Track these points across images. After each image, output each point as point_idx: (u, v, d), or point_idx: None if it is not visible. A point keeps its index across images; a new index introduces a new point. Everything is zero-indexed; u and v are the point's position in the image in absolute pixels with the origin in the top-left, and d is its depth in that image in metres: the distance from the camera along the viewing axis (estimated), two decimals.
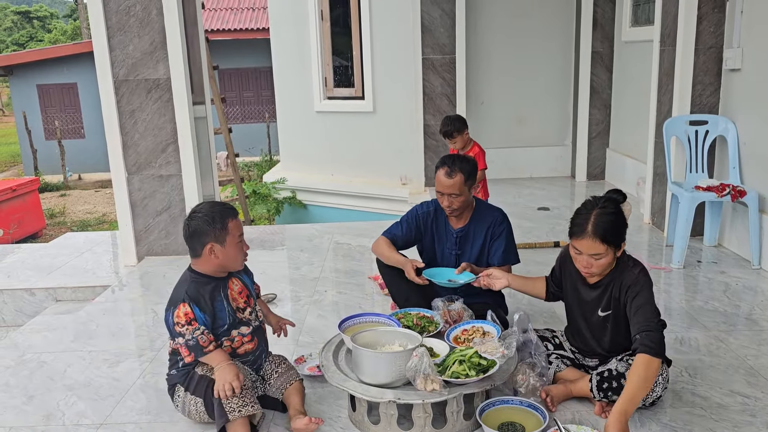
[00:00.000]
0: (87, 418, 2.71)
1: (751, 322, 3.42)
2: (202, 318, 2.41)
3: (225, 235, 2.45)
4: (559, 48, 7.16)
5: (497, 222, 3.20)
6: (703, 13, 4.52)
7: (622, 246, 2.51)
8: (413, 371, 2.35)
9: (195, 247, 2.48)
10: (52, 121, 16.46)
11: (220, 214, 2.47)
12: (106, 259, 5.06)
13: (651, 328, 2.37)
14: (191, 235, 2.47)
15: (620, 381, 2.45)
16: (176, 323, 2.38)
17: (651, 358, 2.31)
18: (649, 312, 2.42)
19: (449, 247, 3.27)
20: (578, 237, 2.48)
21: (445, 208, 3.16)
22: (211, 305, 2.47)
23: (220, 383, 2.37)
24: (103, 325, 3.71)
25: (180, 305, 2.39)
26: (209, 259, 2.47)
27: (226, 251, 2.47)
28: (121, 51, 4.56)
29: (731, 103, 4.54)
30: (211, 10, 17.35)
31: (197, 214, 2.48)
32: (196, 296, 2.43)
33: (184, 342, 2.38)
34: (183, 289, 2.44)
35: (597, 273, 2.53)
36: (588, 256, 2.47)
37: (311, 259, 4.77)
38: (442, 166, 3.12)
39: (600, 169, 7.07)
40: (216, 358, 2.42)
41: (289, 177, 8.50)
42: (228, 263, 2.51)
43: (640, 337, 2.36)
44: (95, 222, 11.58)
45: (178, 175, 4.75)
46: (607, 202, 2.51)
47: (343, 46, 7.90)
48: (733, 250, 4.50)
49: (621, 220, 2.49)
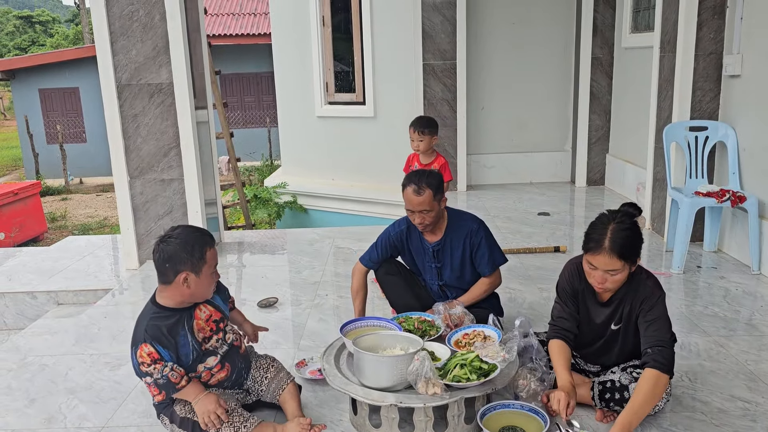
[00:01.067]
0: (88, 421, 2.72)
1: (751, 327, 3.42)
2: (167, 355, 2.27)
3: (202, 265, 2.29)
4: (560, 54, 7.18)
5: (473, 232, 3.18)
6: (703, 19, 4.54)
7: (637, 261, 2.45)
8: (414, 375, 2.35)
9: (166, 273, 2.29)
10: (54, 125, 16.50)
11: (200, 241, 2.31)
12: (107, 262, 5.07)
13: (664, 344, 2.36)
14: (165, 260, 2.28)
15: (623, 393, 2.46)
16: (140, 363, 2.25)
17: (661, 375, 2.31)
18: (662, 327, 2.40)
19: (428, 261, 3.27)
20: (594, 252, 2.38)
21: (418, 225, 3.12)
22: (174, 343, 2.30)
23: (204, 417, 2.30)
24: (104, 329, 3.72)
25: (141, 346, 2.25)
26: (180, 289, 2.30)
27: (200, 282, 2.31)
28: (124, 55, 4.59)
29: (731, 109, 4.56)
30: (213, 15, 17.42)
31: (172, 240, 2.30)
32: (157, 334, 2.26)
33: (153, 381, 2.26)
34: (142, 329, 2.28)
35: (611, 288, 2.47)
36: (603, 272, 2.39)
37: (312, 263, 4.78)
38: (408, 184, 3.08)
39: (600, 174, 7.09)
40: (191, 393, 2.32)
41: (290, 181, 8.52)
42: (198, 294, 2.35)
43: (652, 352, 2.34)
44: (96, 226, 11.59)
45: (180, 179, 4.77)
46: (623, 216, 2.42)
47: (344, 51, 7.93)
48: (733, 256, 4.51)
49: (637, 235, 2.41)
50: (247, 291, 4.24)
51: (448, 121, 6.83)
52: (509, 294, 3.98)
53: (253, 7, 18.09)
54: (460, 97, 6.80)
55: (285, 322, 3.70)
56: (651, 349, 2.35)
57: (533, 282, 4.18)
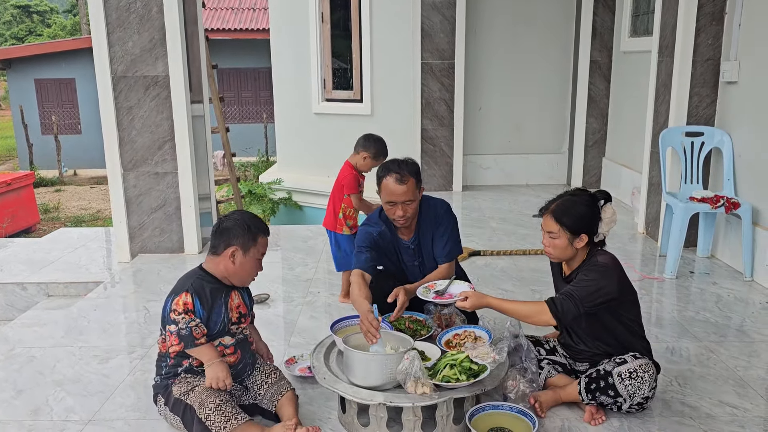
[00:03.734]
0: (75, 413, 2.70)
1: (741, 333, 3.43)
2: (200, 312, 2.39)
3: (252, 246, 2.48)
4: (558, 56, 7.19)
5: (439, 216, 3.07)
6: (702, 25, 4.54)
7: (582, 237, 2.57)
8: (404, 374, 2.35)
9: (218, 245, 2.48)
10: (49, 116, 16.42)
11: (257, 226, 2.51)
12: (99, 255, 5.04)
13: (569, 296, 2.50)
14: (221, 232, 2.48)
15: (607, 380, 2.49)
16: (173, 310, 2.37)
17: (547, 311, 2.51)
18: (582, 288, 2.52)
19: (408, 259, 3.14)
20: (543, 215, 2.65)
21: (398, 219, 2.94)
22: (211, 305, 2.44)
23: (213, 381, 2.37)
24: (94, 321, 3.70)
25: (182, 294, 2.38)
26: (226, 262, 2.47)
27: (245, 262, 2.48)
28: (120, 47, 4.56)
29: (727, 115, 4.57)
30: (211, 9, 17.36)
31: (234, 216, 2.51)
32: (200, 290, 2.42)
33: (176, 330, 2.35)
34: (189, 282, 2.44)
35: (554, 255, 2.65)
36: (546, 233, 2.62)
37: (305, 260, 4.77)
38: (388, 173, 2.89)
39: (596, 177, 7.09)
40: (207, 353, 2.41)
41: (285, 178, 8.50)
42: (240, 274, 2.50)
43: (558, 295, 2.53)
44: (89, 218, 11.54)
45: (174, 173, 4.74)
46: (582, 191, 2.64)
47: (343, 48, 7.91)
48: (726, 262, 4.51)
49: (584, 210, 2.57)
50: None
51: (446, 121, 6.83)
52: (502, 295, 3.97)
53: (252, 2, 18.03)
54: (458, 97, 6.79)
55: (276, 319, 3.69)
56: (560, 295, 2.54)
57: (526, 284, 4.18)
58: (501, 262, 4.58)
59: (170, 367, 2.49)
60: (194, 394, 2.38)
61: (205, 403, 2.33)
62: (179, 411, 2.41)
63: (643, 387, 2.47)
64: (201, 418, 2.32)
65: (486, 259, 4.61)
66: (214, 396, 2.36)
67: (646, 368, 2.48)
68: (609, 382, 2.48)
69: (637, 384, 2.46)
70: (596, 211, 2.58)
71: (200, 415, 2.32)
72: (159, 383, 2.53)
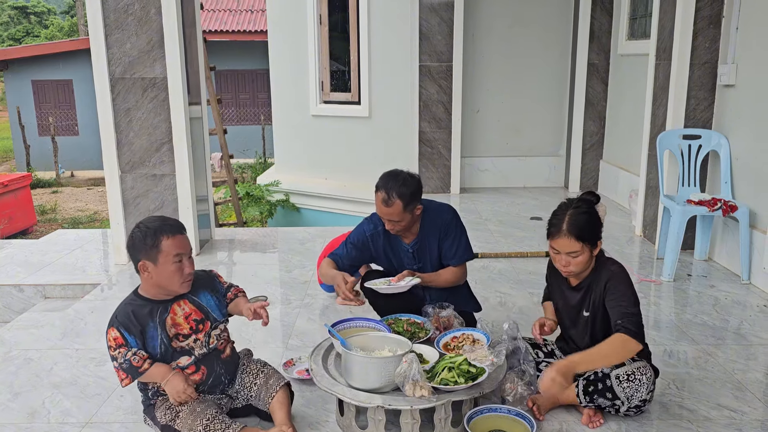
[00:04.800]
0: (72, 416, 2.69)
1: (739, 336, 3.43)
2: (133, 342, 2.31)
3: (156, 253, 2.30)
4: (556, 59, 7.20)
5: (445, 223, 3.04)
6: (699, 28, 4.55)
7: (598, 245, 2.57)
8: (402, 377, 2.34)
9: (134, 264, 2.36)
10: (46, 117, 16.39)
11: (156, 230, 2.31)
12: (96, 257, 5.03)
13: (631, 315, 2.45)
14: (129, 247, 2.36)
15: (605, 382, 2.48)
16: (109, 347, 2.31)
17: (629, 338, 2.39)
18: (628, 302, 2.49)
19: (407, 263, 3.10)
20: (555, 237, 2.54)
21: (390, 230, 2.97)
22: (141, 330, 2.33)
23: (176, 397, 2.31)
24: (91, 324, 3.69)
25: (109, 330, 2.31)
26: (145, 278, 2.36)
27: (160, 271, 2.31)
28: (118, 49, 4.55)
29: (725, 118, 4.58)
30: (209, 11, 17.35)
31: (136, 229, 2.35)
32: (125, 320, 2.32)
33: (118, 365, 2.29)
34: (114, 315, 2.35)
35: (575, 272, 2.58)
36: (565, 254, 2.53)
37: (303, 262, 4.76)
38: (379, 189, 2.87)
39: (593, 180, 7.10)
40: (157, 374, 2.32)
41: (283, 180, 8.50)
42: (164, 283, 2.35)
43: (622, 322, 2.44)
44: (87, 219, 11.52)
45: (172, 174, 4.74)
46: (580, 202, 2.60)
47: (341, 50, 7.91)
48: (723, 265, 4.52)
49: (595, 218, 2.56)
50: None
51: (443, 123, 6.83)
52: (499, 298, 3.98)
53: (250, 3, 18.04)
54: (456, 99, 6.79)
55: (274, 321, 3.67)
56: (621, 320, 2.45)
57: (524, 286, 4.18)
58: (499, 265, 4.58)
59: (142, 385, 2.45)
60: (180, 420, 2.33)
61: (193, 427, 2.29)
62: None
63: (641, 389, 2.47)
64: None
65: (484, 262, 4.61)
66: (200, 417, 2.29)
67: (644, 371, 2.48)
68: (607, 385, 2.48)
69: (635, 386, 2.46)
70: (597, 215, 2.59)
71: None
72: (143, 402, 2.50)
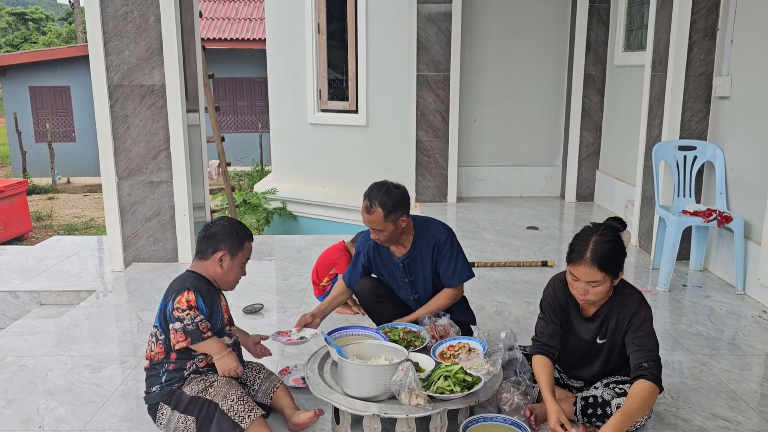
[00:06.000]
0: (67, 423, 2.68)
1: (734, 346, 3.44)
2: (203, 309, 2.43)
3: (239, 251, 2.56)
4: (552, 70, 7.24)
5: (440, 243, 3.04)
6: (694, 40, 4.59)
7: (620, 275, 2.47)
8: (398, 385, 2.35)
9: (205, 250, 2.54)
10: (43, 124, 16.38)
11: (243, 231, 2.60)
12: (92, 263, 5.02)
13: (656, 359, 2.41)
14: (208, 237, 2.55)
15: (605, 408, 2.47)
16: (176, 308, 2.38)
17: (655, 387, 2.36)
18: (652, 343, 2.44)
19: (400, 276, 3.14)
20: (576, 263, 2.42)
21: (376, 240, 3.02)
22: (211, 302, 2.50)
23: (225, 370, 2.43)
24: (86, 330, 3.68)
25: (184, 292, 2.40)
26: (214, 266, 2.53)
27: (233, 266, 2.55)
28: (117, 56, 4.57)
29: (720, 129, 4.61)
30: (208, 19, 17.41)
31: (221, 222, 2.59)
32: (201, 288, 2.46)
33: (182, 327, 2.36)
34: (188, 281, 2.46)
35: (593, 300, 2.47)
36: (585, 283, 2.42)
37: (299, 270, 4.76)
38: (365, 197, 2.94)
39: (589, 190, 7.13)
40: (216, 346, 2.45)
41: (280, 188, 8.50)
42: (227, 278, 2.57)
43: (647, 365, 2.38)
44: (83, 226, 11.49)
45: (169, 182, 4.74)
46: (606, 229, 2.45)
47: (339, 59, 7.94)
48: (718, 275, 4.54)
49: (620, 248, 2.44)
50: (233, 296, 4.16)
51: (440, 132, 6.86)
52: (496, 307, 3.98)
53: (249, 12, 18.10)
54: (453, 108, 6.82)
55: (270, 329, 3.67)
56: (647, 363, 2.39)
57: (520, 296, 4.19)
58: (495, 274, 4.59)
59: (171, 372, 2.46)
60: (213, 389, 2.42)
61: (228, 395, 2.39)
62: (194, 410, 2.39)
63: (639, 420, 2.48)
64: (224, 410, 2.35)
65: (480, 271, 4.61)
66: (235, 389, 2.42)
67: None
68: (607, 412, 2.46)
69: None
70: (622, 244, 2.47)
71: (223, 407, 2.36)
72: (161, 392, 2.47)
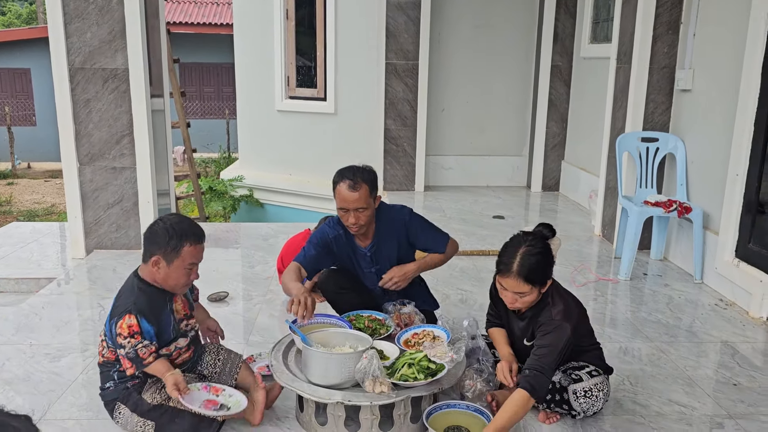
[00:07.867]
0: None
1: (691, 334, 3.54)
2: (149, 331, 2.32)
3: (174, 256, 2.37)
4: (520, 60, 7.28)
5: (407, 222, 3.05)
6: (658, 33, 4.66)
7: (547, 283, 2.50)
8: (362, 373, 2.35)
9: (145, 252, 2.42)
10: (2, 107, 15.91)
11: (181, 235, 2.37)
12: (52, 250, 4.91)
13: (542, 371, 2.36)
14: (146, 238, 2.42)
15: (562, 394, 2.51)
16: (118, 334, 2.30)
17: (530, 398, 2.33)
18: (547, 355, 2.39)
19: (365, 266, 3.12)
20: (504, 275, 2.47)
21: (351, 226, 2.92)
22: (158, 317, 2.39)
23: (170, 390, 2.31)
24: (46, 318, 3.60)
25: (125, 316, 2.30)
26: (151, 270, 2.40)
27: (171, 271, 2.39)
28: (78, 38, 4.45)
29: (681, 122, 4.70)
30: (174, 2, 17.06)
31: (161, 222, 2.41)
32: (144, 309, 2.34)
33: (125, 354, 2.31)
34: (131, 300, 2.35)
35: (521, 308, 2.56)
36: (513, 293, 2.48)
37: (265, 258, 4.73)
38: (342, 179, 2.87)
39: (555, 180, 7.22)
40: (159, 370, 2.35)
41: (246, 175, 8.42)
42: (168, 283, 2.43)
43: (529, 373, 2.36)
44: (43, 212, 11.23)
45: (132, 168, 4.65)
46: (534, 239, 2.48)
47: (307, 46, 7.87)
48: (678, 264, 4.65)
49: (547, 259, 2.46)
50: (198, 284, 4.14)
51: (409, 121, 6.86)
52: (461, 295, 4.02)
53: None
54: (421, 97, 6.82)
55: (235, 317, 3.66)
56: (529, 371, 2.37)
57: (485, 284, 4.18)
58: (461, 263, 4.63)
59: (122, 372, 2.41)
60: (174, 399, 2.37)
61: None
62: (156, 417, 2.38)
63: (597, 404, 2.53)
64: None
65: None
66: None
67: (601, 386, 2.54)
68: (564, 398, 2.51)
69: (591, 401, 2.52)
70: (551, 253, 2.50)
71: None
72: (115, 388, 2.44)
